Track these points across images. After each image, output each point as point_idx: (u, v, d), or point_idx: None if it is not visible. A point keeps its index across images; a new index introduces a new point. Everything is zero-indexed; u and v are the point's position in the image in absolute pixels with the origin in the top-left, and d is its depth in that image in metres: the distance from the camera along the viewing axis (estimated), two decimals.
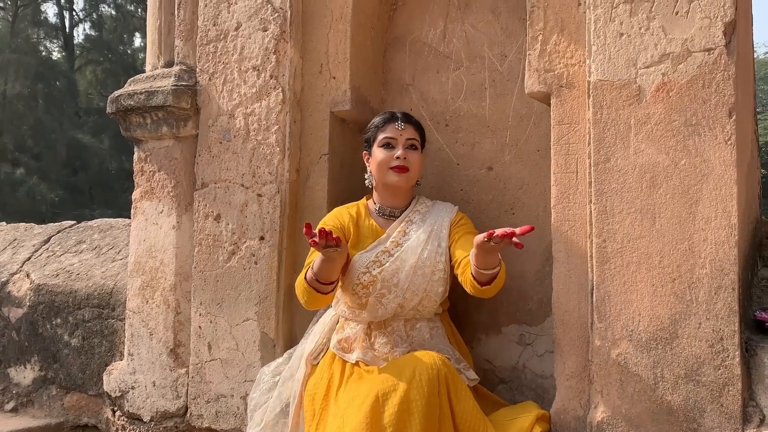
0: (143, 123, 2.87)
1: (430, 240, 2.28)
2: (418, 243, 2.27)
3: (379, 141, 2.34)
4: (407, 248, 2.26)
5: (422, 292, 2.24)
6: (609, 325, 2.05)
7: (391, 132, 2.34)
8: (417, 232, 2.30)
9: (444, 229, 2.31)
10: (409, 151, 2.33)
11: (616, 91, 2.07)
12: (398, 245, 2.28)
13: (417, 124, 2.40)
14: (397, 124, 2.34)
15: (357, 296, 2.25)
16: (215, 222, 2.71)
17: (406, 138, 2.33)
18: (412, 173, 2.34)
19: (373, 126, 2.39)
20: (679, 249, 1.98)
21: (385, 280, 2.22)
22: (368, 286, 2.23)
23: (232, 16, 2.72)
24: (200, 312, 2.71)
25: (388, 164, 2.32)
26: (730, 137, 1.95)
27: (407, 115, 2.40)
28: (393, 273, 2.23)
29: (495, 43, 2.65)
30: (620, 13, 2.08)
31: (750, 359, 2.01)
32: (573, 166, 2.21)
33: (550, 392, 2.31)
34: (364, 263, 2.25)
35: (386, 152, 2.32)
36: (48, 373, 3.36)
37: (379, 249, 2.28)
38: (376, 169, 2.34)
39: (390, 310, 2.24)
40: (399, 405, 1.93)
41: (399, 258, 2.25)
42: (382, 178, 2.34)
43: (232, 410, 2.64)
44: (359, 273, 2.24)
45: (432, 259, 2.26)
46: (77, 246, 3.72)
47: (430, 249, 2.27)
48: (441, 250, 2.28)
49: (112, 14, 24.55)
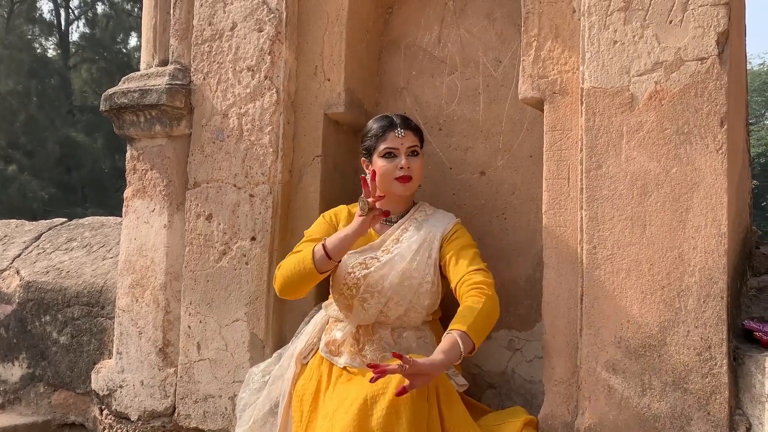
0: (136, 121, 2.87)
1: (421, 251, 2.25)
2: (408, 252, 2.24)
3: (380, 151, 2.30)
4: (396, 256, 2.24)
5: (407, 303, 2.22)
6: (598, 332, 2.05)
7: (392, 142, 2.29)
8: (409, 241, 2.27)
9: (436, 241, 2.28)
10: (411, 158, 2.30)
11: (609, 99, 2.08)
12: (388, 252, 2.26)
13: (416, 128, 2.36)
14: (397, 131, 2.29)
15: (343, 296, 2.25)
16: (207, 222, 2.70)
17: (407, 146, 2.29)
18: (416, 180, 2.32)
19: (372, 135, 2.33)
20: (668, 257, 1.99)
21: (369, 285, 2.21)
22: (352, 288, 2.22)
23: (228, 16, 2.72)
24: (190, 312, 2.71)
25: (392, 175, 2.28)
26: (722, 146, 1.96)
27: (405, 121, 2.35)
28: (378, 279, 2.21)
29: (490, 48, 2.66)
30: (614, 21, 2.09)
31: (738, 368, 2.01)
32: (565, 173, 2.22)
33: (538, 397, 2.32)
34: (351, 264, 2.25)
35: (388, 163, 2.28)
36: (36, 371, 3.35)
37: (369, 254, 2.27)
38: (379, 180, 2.28)
39: (372, 315, 2.23)
40: (387, 408, 1.92)
41: (386, 265, 2.23)
42: (387, 189, 2.29)
43: (220, 411, 2.63)
44: (345, 273, 2.24)
45: (421, 270, 2.23)
46: (68, 243, 3.71)
47: (420, 260, 2.24)
48: (431, 261, 2.25)
49: (107, 12, 24.50)
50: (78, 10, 24.83)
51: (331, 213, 2.40)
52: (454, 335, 1.96)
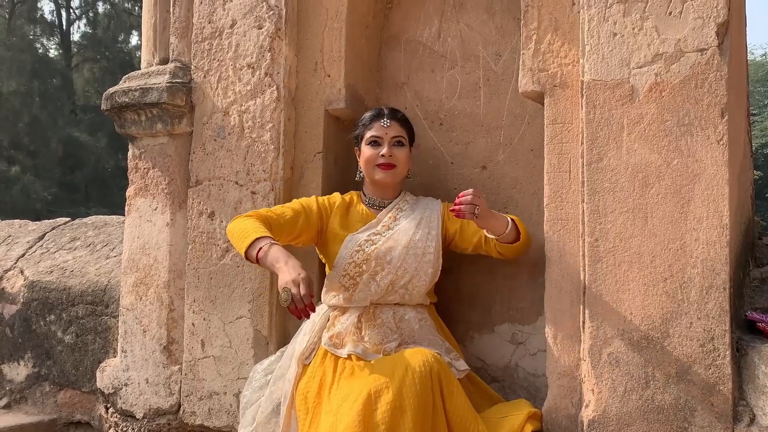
0: (138, 120, 2.87)
1: (421, 226, 2.37)
2: (409, 227, 2.35)
3: (367, 139, 2.41)
4: (399, 230, 2.35)
5: (413, 271, 2.31)
6: (600, 324, 2.06)
7: (377, 130, 2.40)
8: (407, 218, 2.38)
9: (434, 219, 2.39)
10: (395, 147, 2.39)
11: (609, 91, 2.07)
12: (389, 228, 2.37)
13: (403, 120, 2.45)
14: (383, 121, 2.40)
15: (349, 276, 2.30)
16: (209, 219, 2.71)
17: (392, 136, 2.39)
18: (399, 169, 2.40)
19: (361, 124, 2.46)
20: (670, 248, 1.99)
21: (379, 257, 2.29)
22: (361, 264, 2.30)
23: (228, 14, 2.72)
24: (194, 309, 2.71)
25: (374, 161, 2.39)
26: (723, 137, 1.96)
27: (393, 112, 2.45)
28: (387, 251, 2.30)
29: (489, 42, 2.66)
30: (614, 13, 2.08)
31: (741, 359, 2.01)
32: (566, 166, 2.22)
33: (542, 391, 2.32)
34: (357, 242, 2.33)
35: (373, 150, 2.39)
36: (41, 370, 3.36)
37: (370, 231, 2.36)
38: (363, 166, 2.42)
39: (383, 287, 2.29)
40: (392, 402, 1.93)
41: (392, 238, 2.33)
42: (370, 175, 2.42)
43: (225, 407, 2.64)
44: (352, 251, 2.31)
45: (423, 241, 2.34)
46: (71, 243, 3.72)
47: (422, 233, 2.35)
48: (431, 236, 2.36)
49: (108, 12, 24.52)
50: (79, 9, 24.87)
51: (325, 199, 2.47)
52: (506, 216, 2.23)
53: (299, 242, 2.42)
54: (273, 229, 2.27)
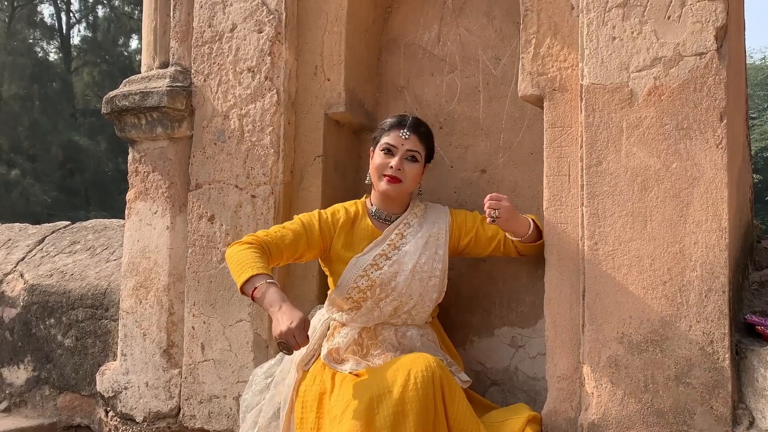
0: (138, 124, 2.88)
1: (428, 246, 2.29)
2: (416, 248, 2.28)
3: (381, 144, 2.32)
4: (405, 252, 2.27)
5: (417, 297, 2.26)
6: (600, 327, 2.06)
7: (394, 139, 2.30)
8: (415, 237, 2.30)
9: (442, 236, 2.32)
10: (407, 162, 2.30)
11: (608, 95, 2.08)
12: (396, 248, 2.29)
13: (424, 135, 2.35)
14: (402, 132, 2.30)
15: (352, 300, 2.26)
16: (209, 223, 2.71)
17: (407, 149, 2.29)
18: (405, 185, 2.31)
19: (381, 127, 2.37)
20: (670, 252, 1.99)
21: (384, 284, 2.24)
22: (365, 291, 2.24)
23: (228, 18, 2.73)
24: (193, 313, 2.71)
25: (382, 171, 2.30)
26: (721, 141, 1.96)
27: (416, 125, 2.34)
28: (391, 277, 2.24)
29: (489, 46, 2.66)
30: (613, 17, 2.09)
31: (740, 362, 2.02)
32: (565, 169, 2.22)
33: (542, 394, 2.32)
34: (362, 267, 2.26)
35: (384, 158, 2.30)
36: (41, 374, 3.36)
37: (377, 251, 2.28)
38: (372, 171, 2.34)
39: (386, 313, 2.25)
40: (394, 407, 1.93)
41: (397, 261, 2.26)
42: (376, 182, 2.33)
43: (225, 411, 2.64)
44: (356, 277, 2.25)
45: (429, 265, 2.28)
46: (71, 246, 3.72)
47: (428, 255, 2.28)
48: (438, 257, 2.29)
49: (108, 15, 24.54)
50: (79, 13, 24.87)
51: (328, 217, 2.35)
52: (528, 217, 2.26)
53: (303, 261, 2.38)
54: (272, 255, 2.20)
